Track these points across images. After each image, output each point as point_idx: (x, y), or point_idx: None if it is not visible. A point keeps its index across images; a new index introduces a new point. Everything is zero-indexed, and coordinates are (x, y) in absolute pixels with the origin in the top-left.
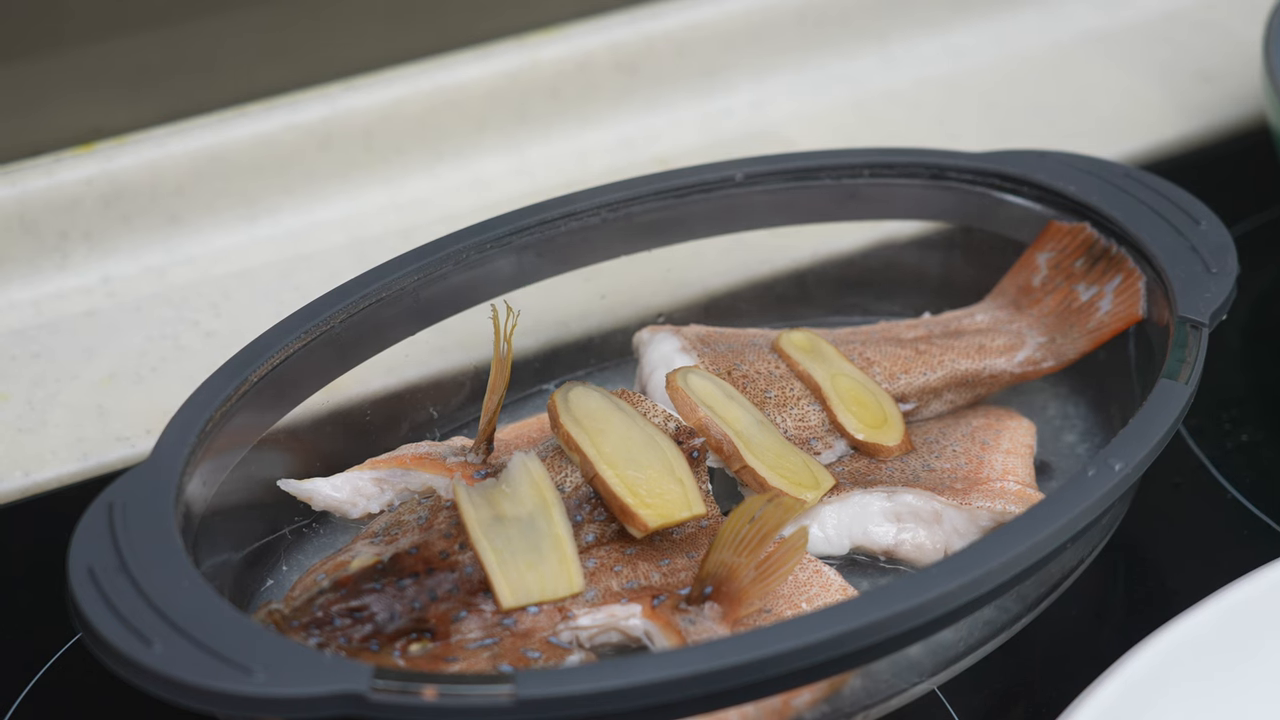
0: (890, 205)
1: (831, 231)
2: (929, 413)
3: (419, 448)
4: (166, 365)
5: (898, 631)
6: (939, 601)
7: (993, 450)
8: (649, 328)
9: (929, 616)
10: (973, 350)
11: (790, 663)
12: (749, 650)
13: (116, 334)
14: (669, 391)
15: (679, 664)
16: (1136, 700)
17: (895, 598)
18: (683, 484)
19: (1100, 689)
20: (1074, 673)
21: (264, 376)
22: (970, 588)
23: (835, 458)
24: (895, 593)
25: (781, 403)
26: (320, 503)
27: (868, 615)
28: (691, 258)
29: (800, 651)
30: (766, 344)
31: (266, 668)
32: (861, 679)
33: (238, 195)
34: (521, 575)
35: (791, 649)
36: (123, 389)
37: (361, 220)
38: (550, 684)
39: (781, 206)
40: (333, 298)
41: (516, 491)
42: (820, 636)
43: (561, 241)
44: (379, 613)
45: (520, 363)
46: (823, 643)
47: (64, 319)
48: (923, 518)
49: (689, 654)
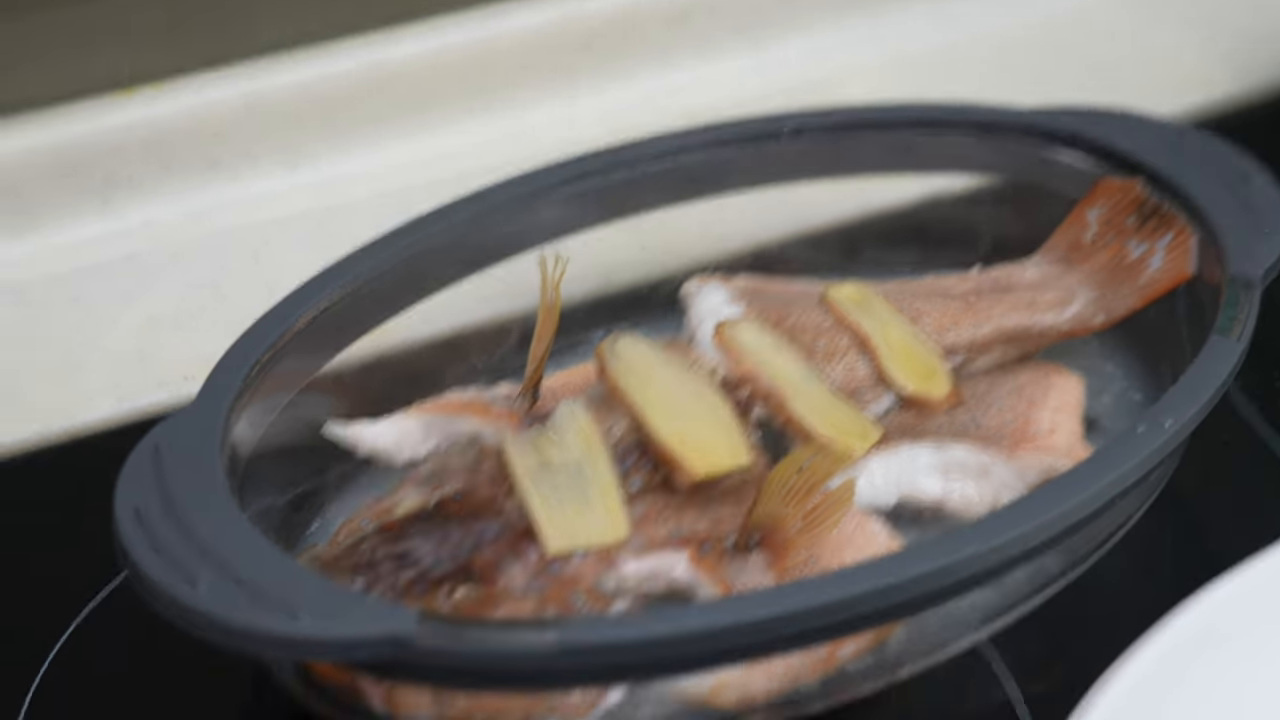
0: (941, 159)
1: (882, 185)
2: (977, 367)
3: (465, 394)
4: (206, 312)
5: (944, 584)
6: (986, 555)
7: (1041, 406)
8: (697, 278)
9: (975, 570)
10: (1022, 305)
11: (836, 613)
12: (795, 600)
13: (156, 280)
14: (717, 342)
15: (724, 612)
16: (1184, 656)
17: (942, 550)
18: (730, 434)
19: (1148, 644)
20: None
21: (311, 321)
22: (1017, 541)
23: (883, 410)
24: (942, 545)
25: (830, 354)
26: (365, 448)
27: (914, 567)
28: (740, 210)
29: (846, 602)
30: (815, 296)
31: (312, 609)
32: (907, 630)
33: (278, 142)
34: (567, 522)
35: (837, 599)
36: (162, 335)
37: (404, 169)
38: (593, 630)
39: (831, 160)
40: (379, 245)
41: (563, 439)
42: (866, 587)
43: (610, 191)
44: (424, 557)
45: (567, 312)
46: (868, 594)
47: (104, 264)
48: (971, 471)
49: (734, 603)
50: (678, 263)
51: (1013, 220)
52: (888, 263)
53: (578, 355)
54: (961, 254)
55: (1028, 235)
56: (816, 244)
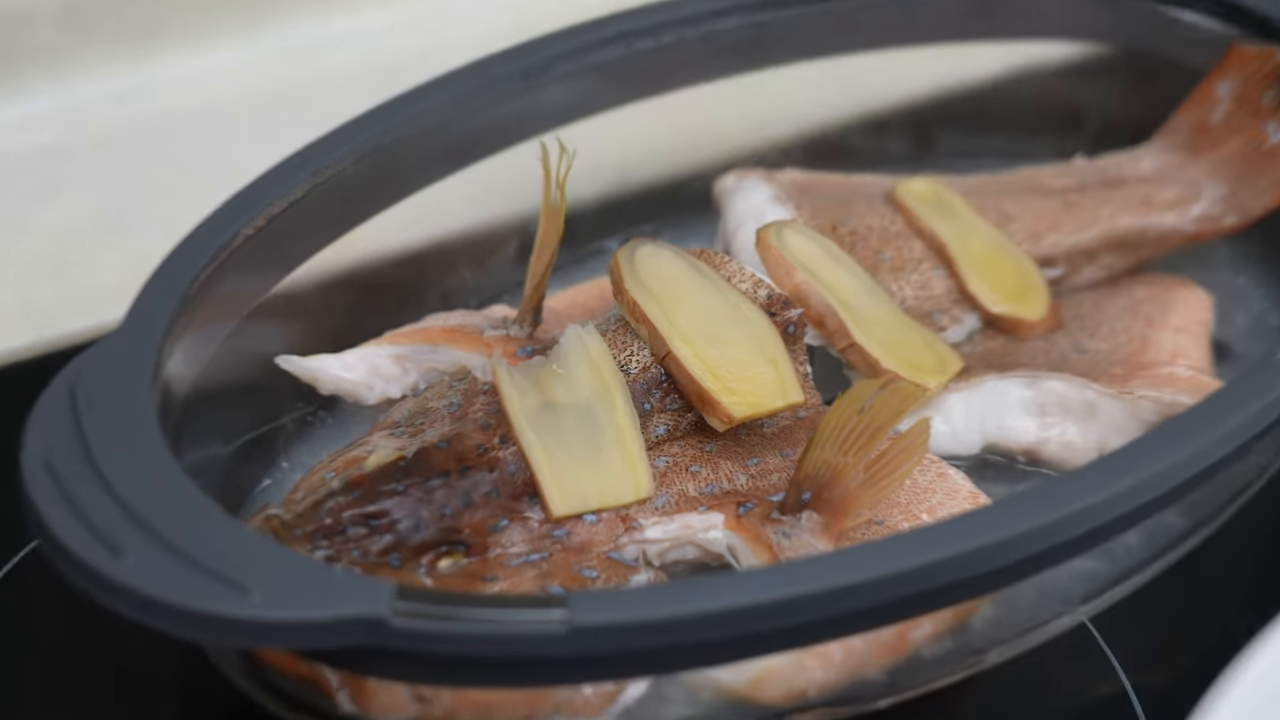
0: (1035, 21)
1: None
2: (1081, 280)
3: (450, 318)
4: (141, 214)
5: (1039, 549)
6: (1091, 512)
7: (1160, 327)
8: (735, 172)
9: (1078, 531)
10: (1136, 203)
11: (907, 586)
12: (856, 569)
13: (78, 174)
14: (760, 251)
15: (770, 586)
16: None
17: (1037, 507)
18: (776, 365)
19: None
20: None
21: (261, 229)
22: (1129, 496)
23: (964, 335)
24: (1037, 501)
25: (898, 266)
26: (329, 385)
27: (1003, 528)
28: (788, 86)
29: (919, 572)
30: (880, 194)
31: (264, 585)
32: (994, 607)
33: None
34: (576, 476)
35: (909, 569)
36: (86, 243)
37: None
38: (611, 609)
39: (898, 23)
40: (346, 133)
41: (571, 373)
42: (944, 554)
43: (627, 65)
44: (401, 520)
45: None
46: (947, 561)
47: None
48: (1072, 410)
49: (782, 573)
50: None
51: (1123, 98)
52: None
53: (588, 269)
54: (1060, 140)
55: (1142, 116)
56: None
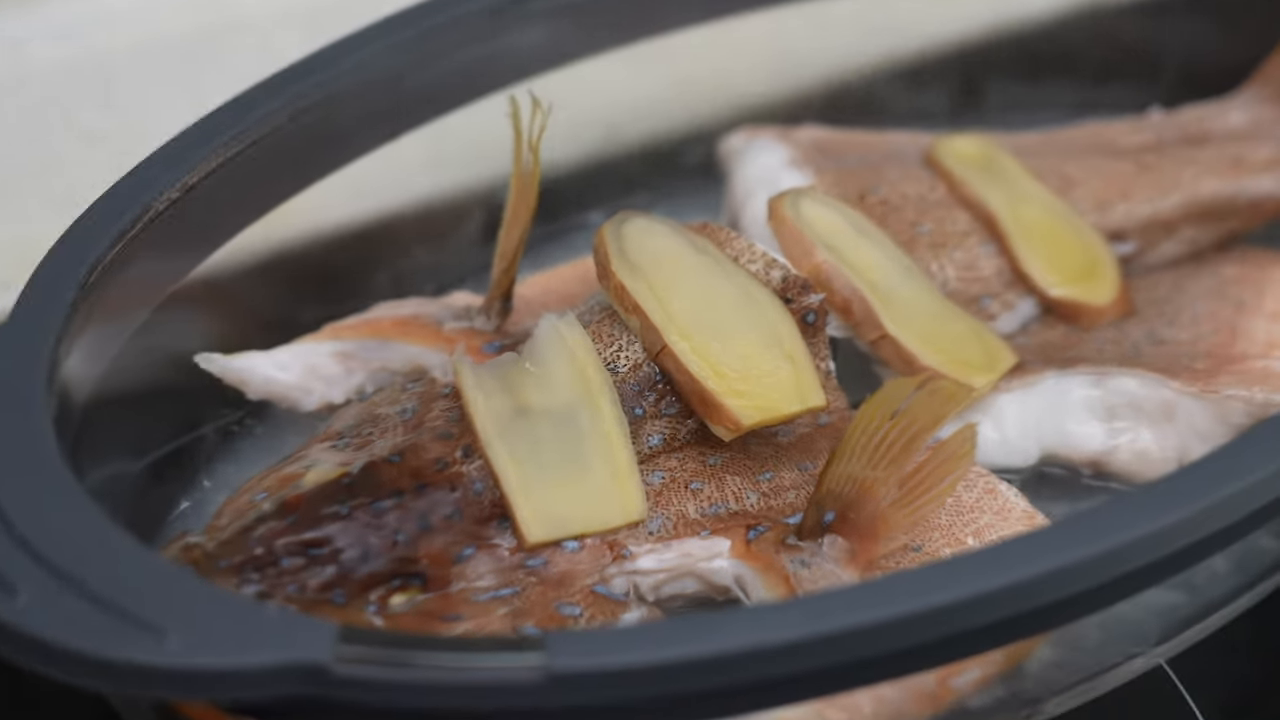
0: None
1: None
2: (1157, 258)
3: (403, 308)
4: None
5: (1107, 579)
6: (1169, 534)
7: (1252, 313)
8: (744, 130)
9: (1154, 557)
10: (1224, 165)
11: (949, 623)
12: (889, 604)
13: None
14: (773, 225)
15: (785, 624)
16: None
17: (1105, 528)
18: (792, 361)
19: None
20: None
21: (175, 203)
22: (1215, 514)
23: (1019, 324)
24: (1105, 521)
25: (939, 242)
26: (259, 388)
27: (1063, 554)
28: (806, 27)
29: (964, 606)
30: (918, 155)
31: (183, 627)
32: (1053, 648)
33: None
34: (554, 496)
35: (951, 603)
36: None
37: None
38: (596, 652)
39: None
40: (277, 85)
41: (547, 372)
42: (993, 585)
43: (612, 3)
44: (346, 549)
45: (551, 182)
46: (997, 594)
47: None
48: (1146, 412)
49: (800, 609)
50: (715, 108)
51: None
52: (1023, 105)
53: (567, 247)
54: (1133, 90)
55: (1231, 59)
56: (917, 78)
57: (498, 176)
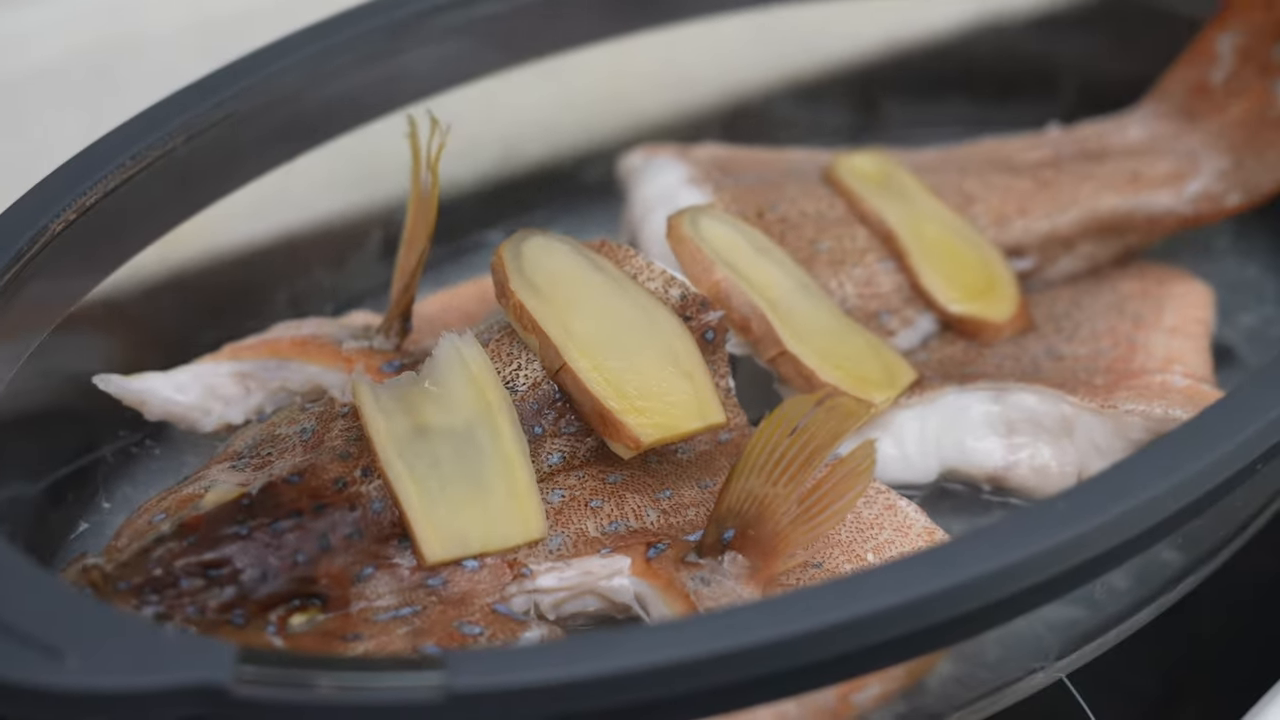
0: None
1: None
2: (1056, 273)
3: (302, 328)
4: None
5: (1007, 594)
6: (1068, 549)
7: (1150, 329)
8: (643, 148)
9: (1053, 572)
10: (1122, 180)
11: (848, 640)
12: (788, 621)
13: None
14: (672, 243)
15: (684, 641)
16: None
17: (1004, 544)
18: (691, 379)
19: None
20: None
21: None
22: (1114, 529)
23: (918, 340)
24: (1004, 536)
25: (838, 259)
26: (157, 409)
27: (962, 569)
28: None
29: (863, 623)
30: (816, 173)
31: (81, 649)
32: (953, 664)
33: None
34: (454, 515)
35: (850, 619)
36: None
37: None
38: (496, 670)
39: None
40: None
41: (446, 391)
42: (892, 601)
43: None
44: (245, 570)
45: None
46: (896, 610)
47: None
48: (1046, 427)
49: (699, 627)
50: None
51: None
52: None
53: (466, 266)
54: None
55: (1129, 75)
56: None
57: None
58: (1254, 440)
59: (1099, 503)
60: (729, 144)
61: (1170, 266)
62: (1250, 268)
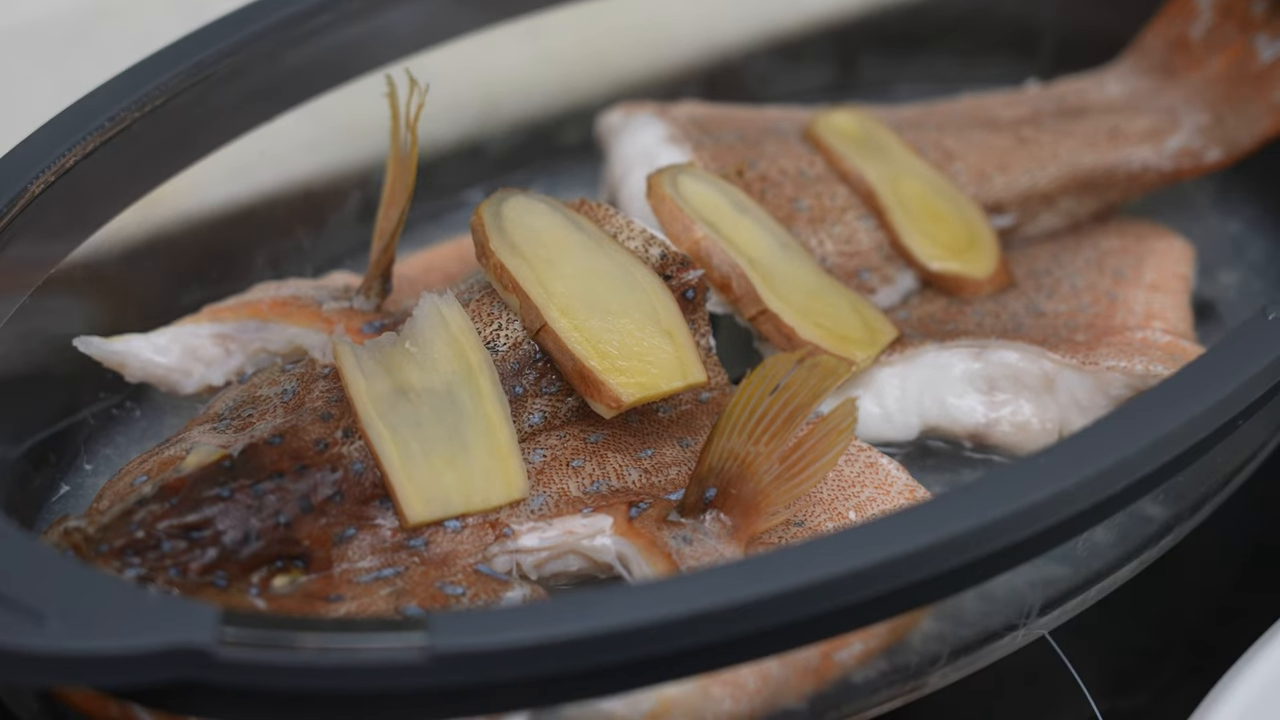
0: None
1: None
2: (1036, 230)
3: (282, 289)
4: None
5: (989, 551)
6: (1050, 506)
7: (1131, 285)
8: (622, 106)
9: (1036, 529)
10: (1102, 136)
11: (831, 598)
12: (770, 579)
13: None
14: (652, 202)
15: (666, 600)
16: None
17: (985, 501)
18: (672, 338)
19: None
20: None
21: (51, 185)
22: (1096, 485)
23: (899, 298)
24: (985, 494)
25: (818, 217)
26: (138, 371)
27: (945, 526)
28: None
29: (845, 581)
30: (797, 130)
31: (63, 611)
32: (936, 621)
33: None
34: (435, 475)
35: (832, 577)
36: None
37: None
38: (478, 631)
39: None
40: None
41: (427, 352)
42: (874, 559)
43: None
44: (227, 532)
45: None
46: (878, 568)
47: None
48: (1026, 384)
49: (681, 586)
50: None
51: (1086, 9)
52: (902, 78)
53: (446, 226)
54: (1011, 61)
55: (1108, 31)
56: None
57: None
58: (1233, 396)
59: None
60: (709, 102)
61: (1151, 223)
62: (1231, 222)
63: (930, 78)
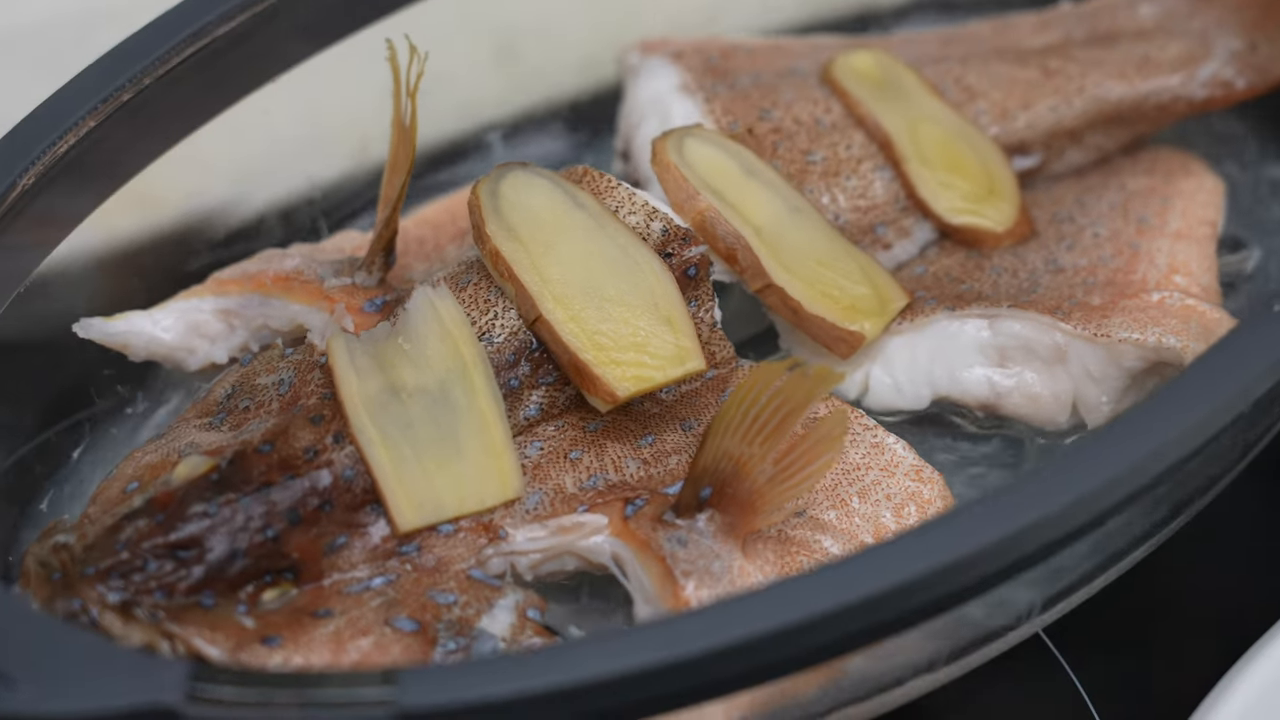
0: None
1: None
2: (1063, 166)
3: (287, 261)
4: None
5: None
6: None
7: (1154, 233)
8: (641, 46)
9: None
10: (1131, 66)
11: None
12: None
13: None
14: (657, 170)
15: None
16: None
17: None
18: (671, 325)
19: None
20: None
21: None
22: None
23: (916, 250)
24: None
25: (832, 170)
26: (141, 350)
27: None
28: None
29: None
30: (814, 72)
31: (34, 675)
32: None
33: None
34: (428, 479)
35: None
36: None
37: None
38: (448, 687)
39: None
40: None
41: (419, 349)
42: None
43: None
44: (214, 549)
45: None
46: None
47: None
48: (1039, 355)
49: (654, 636)
50: None
51: None
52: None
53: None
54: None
55: None
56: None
57: None
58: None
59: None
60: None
61: (1183, 154)
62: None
63: (952, 6)
